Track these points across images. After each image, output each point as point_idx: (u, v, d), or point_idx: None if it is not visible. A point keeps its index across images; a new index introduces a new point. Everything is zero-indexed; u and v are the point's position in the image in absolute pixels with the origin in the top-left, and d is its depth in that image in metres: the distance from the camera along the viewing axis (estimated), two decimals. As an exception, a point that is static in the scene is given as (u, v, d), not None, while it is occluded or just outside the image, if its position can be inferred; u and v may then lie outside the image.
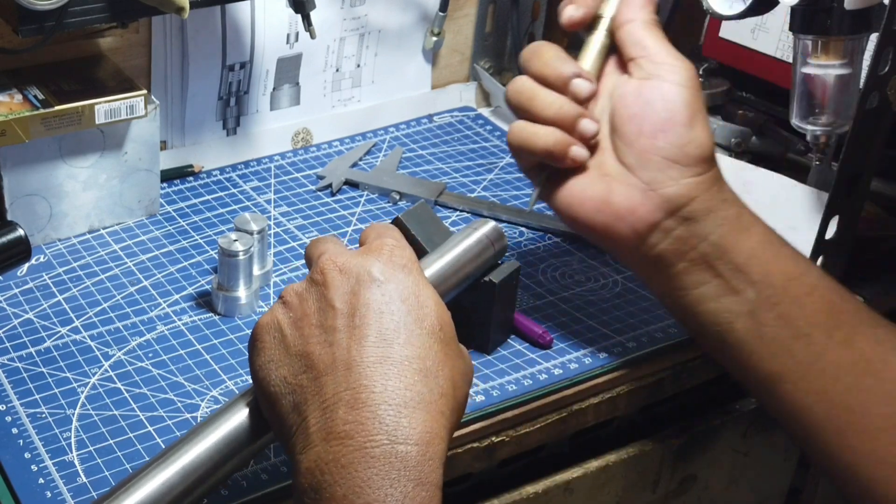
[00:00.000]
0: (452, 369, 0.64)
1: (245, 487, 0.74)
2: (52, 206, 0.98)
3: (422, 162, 1.16)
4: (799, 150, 1.09)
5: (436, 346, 0.64)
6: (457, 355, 0.66)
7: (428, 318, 0.65)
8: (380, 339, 0.63)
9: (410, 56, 1.22)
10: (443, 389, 0.63)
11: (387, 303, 0.64)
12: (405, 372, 0.62)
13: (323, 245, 0.70)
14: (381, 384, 0.61)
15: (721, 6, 0.90)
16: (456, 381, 0.64)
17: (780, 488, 1.06)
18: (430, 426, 0.61)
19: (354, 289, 0.65)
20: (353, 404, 0.61)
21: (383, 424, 0.60)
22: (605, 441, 0.91)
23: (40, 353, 0.86)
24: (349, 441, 0.59)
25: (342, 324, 0.63)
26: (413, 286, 0.66)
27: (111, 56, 1.01)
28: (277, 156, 1.15)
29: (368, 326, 0.63)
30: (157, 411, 0.81)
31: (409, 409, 0.61)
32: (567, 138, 0.78)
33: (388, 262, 0.66)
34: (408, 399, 0.61)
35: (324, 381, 0.62)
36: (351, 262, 0.66)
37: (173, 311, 0.91)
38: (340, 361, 0.62)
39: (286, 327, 0.65)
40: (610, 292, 0.95)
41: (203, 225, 1.03)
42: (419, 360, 0.63)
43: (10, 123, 0.90)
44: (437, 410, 0.62)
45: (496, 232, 0.83)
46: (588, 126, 0.78)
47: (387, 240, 0.69)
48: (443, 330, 0.65)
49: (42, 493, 0.73)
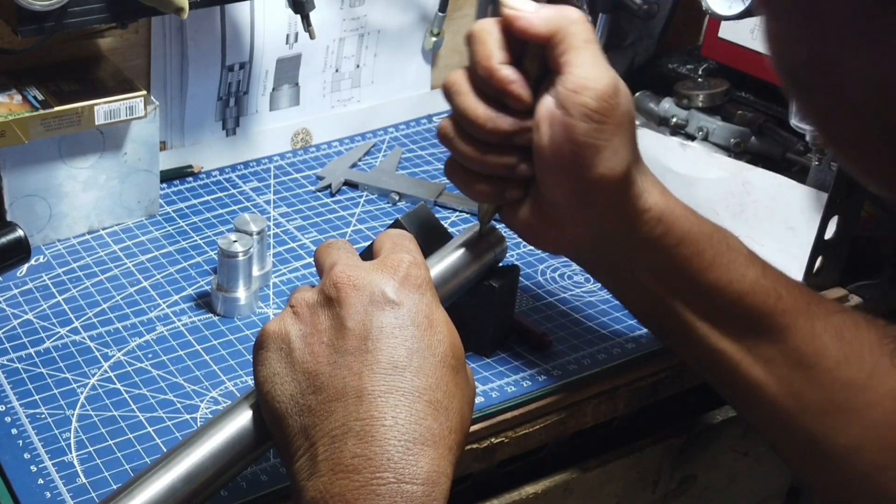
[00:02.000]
0: (461, 400, 0.64)
1: (244, 488, 0.74)
2: (52, 207, 0.98)
3: (421, 162, 1.15)
4: (798, 151, 1.09)
5: (447, 377, 0.63)
6: (465, 383, 0.65)
7: (441, 346, 0.64)
8: (391, 366, 0.62)
9: (410, 56, 1.22)
10: (452, 425, 0.62)
11: (400, 327, 0.63)
12: (416, 404, 0.61)
13: (335, 253, 0.68)
14: (392, 417, 0.61)
15: (720, 6, 0.90)
16: (464, 413, 0.64)
17: (780, 488, 1.06)
18: (438, 464, 0.61)
19: (368, 309, 0.64)
20: (363, 436, 0.60)
21: (391, 461, 0.59)
22: (604, 441, 0.91)
23: (40, 354, 0.86)
24: (356, 476, 0.59)
25: (353, 346, 0.63)
26: (426, 308, 0.65)
27: (111, 56, 1.01)
28: (277, 156, 1.15)
29: (380, 352, 0.62)
30: (156, 412, 0.81)
31: (418, 447, 0.60)
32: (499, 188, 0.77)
33: (403, 281, 0.65)
34: (417, 435, 0.60)
35: (334, 406, 0.61)
36: (365, 280, 0.65)
37: (173, 311, 0.91)
38: (351, 388, 0.62)
39: (295, 341, 0.64)
40: (609, 293, 0.95)
41: (202, 225, 1.03)
42: (430, 392, 0.62)
43: (10, 124, 0.90)
44: (446, 447, 0.62)
45: (496, 234, 0.83)
46: (523, 170, 0.76)
47: (404, 255, 0.67)
48: (454, 357, 0.65)
49: (42, 493, 0.73)
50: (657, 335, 0.84)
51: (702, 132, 1.12)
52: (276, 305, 0.93)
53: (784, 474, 1.05)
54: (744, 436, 0.97)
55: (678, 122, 1.14)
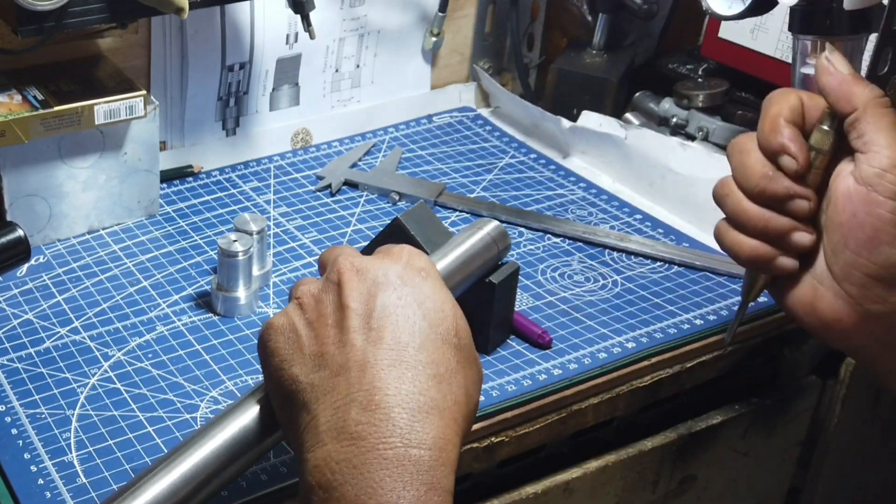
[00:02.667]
0: (465, 377, 0.64)
1: (244, 488, 0.74)
2: (52, 207, 0.98)
3: (421, 162, 1.15)
4: (798, 151, 1.09)
5: (450, 353, 0.64)
6: (470, 362, 0.65)
7: (444, 324, 0.64)
8: (395, 341, 0.62)
9: (410, 56, 1.22)
10: (456, 397, 0.63)
11: (403, 306, 0.64)
12: (419, 377, 0.62)
13: (339, 249, 0.69)
14: (395, 387, 0.61)
15: (720, 6, 0.90)
16: (468, 389, 0.64)
17: (780, 488, 1.06)
18: (444, 432, 0.61)
19: (371, 290, 0.64)
20: (367, 405, 0.60)
21: (397, 427, 0.59)
22: (604, 441, 0.91)
23: (40, 354, 0.86)
24: (361, 442, 0.59)
25: (357, 324, 0.63)
26: (430, 290, 0.65)
27: (110, 56, 1.01)
28: (277, 156, 1.15)
29: (384, 329, 0.63)
30: (156, 412, 0.81)
31: (422, 414, 0.60)
32: (771, 251, 0.75)
33: (406, 266, 0.66)
34: (421, 404, 0.61)
35: (336, 380, 0.62)
36: (368, 265, 0.66)
37: (173, 311, 0.91)
38: (354, 362, 0.62)
39: (301, 328, 0.65)
40: (609, 292, 0.95)
41: (202, 225, 1.03)
42: (433, 366, 0.62)
43: (10, 124, 0.90)
44: (451, 417, 0.62)
45: (500, 231, 0.83)
46: (800, 239, 0.74)
47: (405, 247, 0.68)
48: (458, 336, 0.65)
49: (41, 493, 0.73)
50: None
51: (702, 132, 1.12)
52: (276, 305, 0.93)
53: (784, 474, 1.05)
54: (744, 436, 0.97)
55: (678, 122, 1.14)
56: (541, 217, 1.05)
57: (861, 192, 0.71)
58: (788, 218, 0.74)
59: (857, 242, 0.71)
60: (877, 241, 0.71)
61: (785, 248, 0.75)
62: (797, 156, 0.73)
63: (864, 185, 0.71)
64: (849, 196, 0.72)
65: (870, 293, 0.72)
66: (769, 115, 0.74)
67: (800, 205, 0.74)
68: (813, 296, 0.75)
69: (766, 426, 0.98)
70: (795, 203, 0.73)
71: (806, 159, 0.73)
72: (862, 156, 0.72)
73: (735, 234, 0.76)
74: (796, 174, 0.73)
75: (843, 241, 0.72)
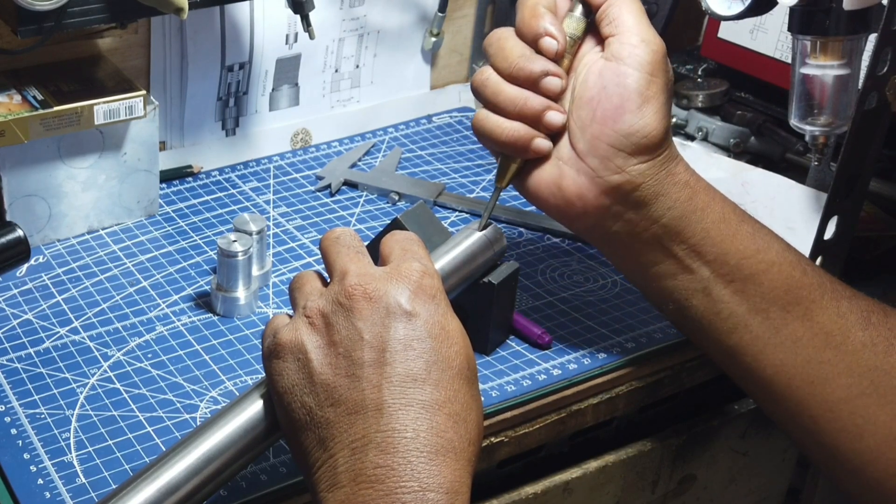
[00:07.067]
0: (477, 412, 0.64)
1: (244, 488, 0.74)
2: (52, 207, 0.98)
3: (421, 162, 1.16)
4: (797, 151, 1.09)
5: (464, 389, 0.64)
6: (478, 394, 0.66)
7: (457, 358, 0.64)
8: (410, 379, 0.62)
9: (409, 56, 1.22)
10: (471, 437, 0.63)
11: (417, 339, 0.63)
12: (436, 417, 0.62)
13: (345, 254, 0.68)
14: (413, 429, 0.61)
15: (720, 7, 0.90)
16: (479, 424, 0.64)
17: (779, 488, 1.06)
18: (460, 475, 0.61)
19: (384, 321, 0.64)
20: (385, 448, 0.60)
21: (415, 471, 0.59)
22: (604, 441, 0.91)
23: (39, 354, 0.86)
24: (379, 486, 0.59)
25: (371, 358, 0.63)
26: (441, 318, 0.65)
27: (110, 56, 1.01)
28: (276, 156, 1.15)
29: (398, 364, 0.62)
30: (156, 412, 0.81)
31: (440, 457, 0.60)
32: (530, 132, 0.78)
33: (417, 290, 0.65)
34: (438, 447, 0.61)
35: (353, 419, 0.62)
36: (380, 291, 0.65)
37: (172, 311, 0.91)
38: (371, 401, 0.62)
39: (312, 352, 0.64)
40: (609, 292, 0.96)
41: (202, 225, 1.03)
42: (449, 404, 0.62)
43: (10, 124, 0.90)
44: (466, 458, 0.62)
45: (496, 232, 0.83)
46: (554, 118, 0.78)
47: (415, 264, 0.67)
48: (469, 368, 0.65)
49: (41, 493, 0.73)
50: (677, 320, 0.82)
51: (701, 132, 1.12)
52: (276, 305, 0.93)
53: (784, 474, 1.05)
54: (743, 436, 0.97)
55: (678, 122, 1.14)
56: (540, 217, 1.05)
57: (611, 66, 0.76)
58: (543, 97, 0.78)
59: (605, 113, 0.76)
60: (622, 109, 0.75)
61: (540, 128, 0.78)
62: (558, 37, 0.78)
63: (615, 61, 0.76)
64: (599, 73, 0.77)
65: (610, 163, 0.76)
66: (528, 4, 0.79)
67: (553, 82, 0.77)
68: (558, 175, 0.78)
69: (765, 426, 0.98)
70: (549, 81, 0.77)
71: (565, 41, 0.78)
72: (613, 38, 0.77)
73: (495, 118, 0.79)
74: (556, 55, 0.78)
75: (591, 115, 0.77)
